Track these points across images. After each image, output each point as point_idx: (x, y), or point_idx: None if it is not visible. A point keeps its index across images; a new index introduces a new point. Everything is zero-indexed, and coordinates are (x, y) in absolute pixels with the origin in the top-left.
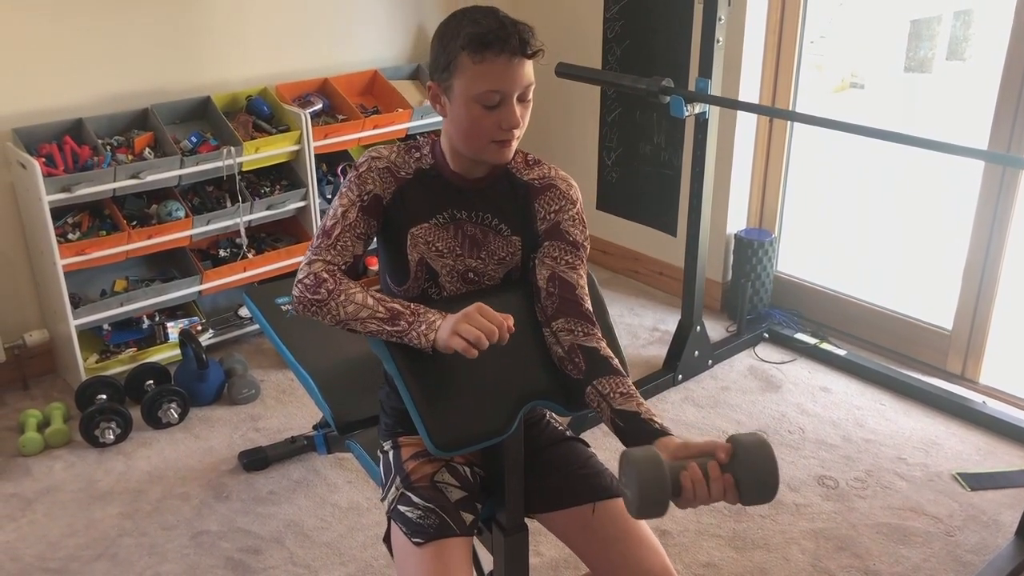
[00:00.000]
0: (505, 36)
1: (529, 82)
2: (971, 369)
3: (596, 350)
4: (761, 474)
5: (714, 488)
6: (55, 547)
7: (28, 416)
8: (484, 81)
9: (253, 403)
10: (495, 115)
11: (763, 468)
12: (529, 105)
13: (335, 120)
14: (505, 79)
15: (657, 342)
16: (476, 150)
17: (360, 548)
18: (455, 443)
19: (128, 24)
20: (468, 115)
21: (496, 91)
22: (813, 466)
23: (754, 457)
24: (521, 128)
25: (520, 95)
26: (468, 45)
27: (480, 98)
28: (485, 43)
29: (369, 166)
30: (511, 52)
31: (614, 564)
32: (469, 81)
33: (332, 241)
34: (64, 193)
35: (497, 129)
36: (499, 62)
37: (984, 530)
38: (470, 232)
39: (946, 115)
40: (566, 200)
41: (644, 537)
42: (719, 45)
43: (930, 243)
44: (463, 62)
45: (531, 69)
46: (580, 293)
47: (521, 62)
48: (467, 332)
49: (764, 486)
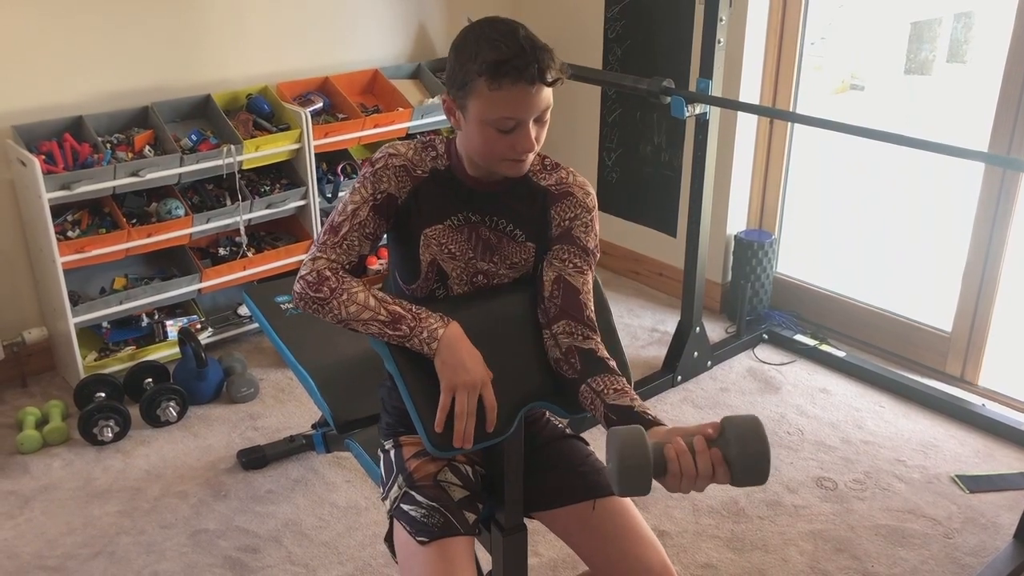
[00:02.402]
0: (523, 65)
1: (547, 106)
2: (970, 371)
3: (593, 351)
4: (750, 450)
5: (700, 462)
6: (53, 545)
7: (26, 414)
8: (500, 108)
9: (252, 402)
10: (509, 138)
11: (753, 445)
12: (546, 124)
13: (335, 119)
14: (521, 107)
15: (656, 343)
16: (489, 165)
17: (358, 547)
18: (453, 444)
19: (129, 22)
20: (482, 136)
21: (511, 118)
22: (812, 467)
23: (743, 433)
24: (537, 146)
25: (537, 117)
26: (486, 72)
27: (495, 123)
28: (503, 72)
29: (386, 163)
30: (528, 81)
31: (613, 561)
32: (484, 106)
33: (339, 239)
34: (64, 191)
35: (511, 150)
36: (516, 90)
37: (983, 532)
38: (484, 236)
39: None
40: (582, 208)
41: (643, 534)
42: (720, 46)
43: (930, 245)
44: (479, 87)
45: (550, 93)
46: (583, 299)
47: (539, 89)
48: (460, 402)
49: (753, 462)
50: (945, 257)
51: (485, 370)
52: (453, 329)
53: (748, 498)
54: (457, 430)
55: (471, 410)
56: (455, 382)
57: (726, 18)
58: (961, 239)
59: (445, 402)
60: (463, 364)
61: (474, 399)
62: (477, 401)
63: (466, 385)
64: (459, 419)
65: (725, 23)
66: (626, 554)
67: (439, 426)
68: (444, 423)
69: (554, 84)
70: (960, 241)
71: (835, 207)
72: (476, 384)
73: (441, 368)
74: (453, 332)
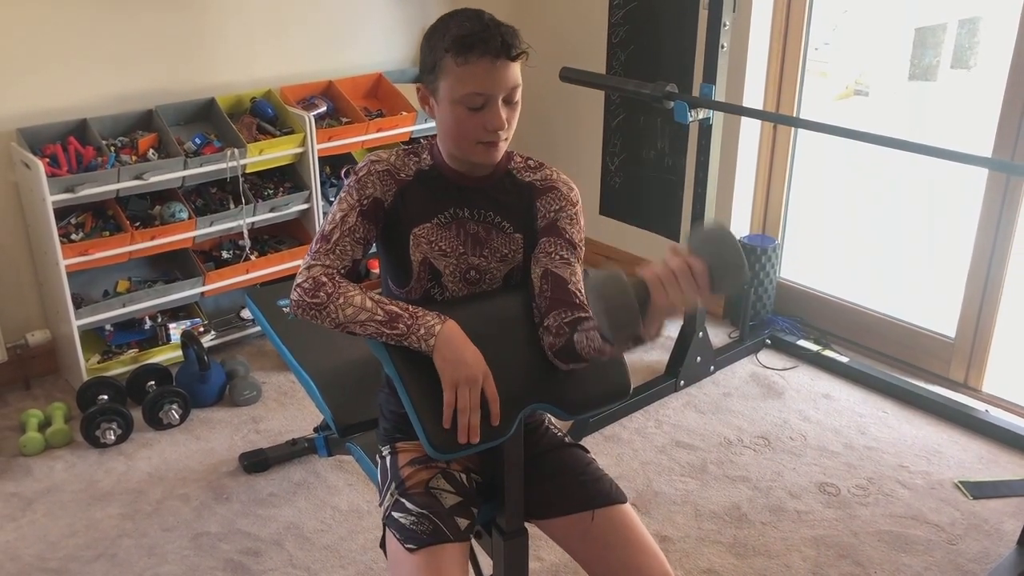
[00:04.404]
0: (487, 38)
1: (514, 84)
2: (974, 377)
3: (583, 317)
4: (719, 247)
5: (675, 264)
6: (55, 547)
7: (29, 416)
8: (467, 83)
9: (254, 405)
10: (479, 117)
11: (721, 241)
12: (517, 107)
13: (339, 123)
14: (488, 81)
15: (659, 347)
16: (463, 151)
17: (360, 551)
18: (454, 446)
19: (133, 25)
20: (453, 117)
21: (479, 93)
22: (815, 473)
23: (711, 234)
24: (508, 130)
25: (505, 97)
26: (452, 47)
27: (464, 100)
28: (468, 45)
29: (369, 170)
30: (494, 54)
31: (614, 570)
32: (453, 83)
33: (331, 246)
34: (68, 193)
35: (482, 131)
36: (482, 64)
37: (986, 539)
38: (472, 230)
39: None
40: (566, 201)
41: (644, 543)
42: (724, 51)
43: (933, 250)
44: (447, 64)
45: (517, 71)
46: (572, 288)
47: (505, 64)
48: (463, 398)
49: (723, 253)
50: (949, 262)
51: (485, 364)
52: (450, 326)
53: (751, 503)
54: (461, 425)
55: (475, 404)
56: (457, 377)
57: (730, 23)
58: (965, 244)
59: (450, 399)
60: (463, 359)
61: (477, 393)
62: (480, 395)
63: (468, 380)
64: (463, 414)
65: (729, 28)
66: (627, 564)
67: (447, 423)
68: (451, 419)
69: (518, 58)
70: (964, 246)
71: (838, 212)
72: (478, 378)
73: (441, 365)
74: (451, 328)
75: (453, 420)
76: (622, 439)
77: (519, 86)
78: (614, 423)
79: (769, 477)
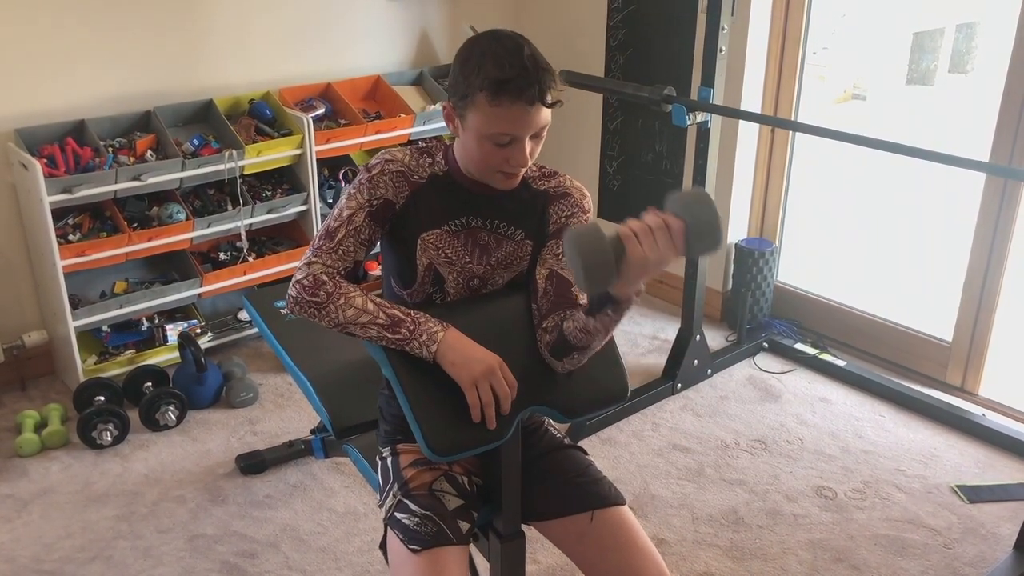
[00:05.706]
0: (526, 85)
1: (544, 124)
2: (971, 381)
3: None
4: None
5: (652, 219)
6: (50, 549)
7: (25, 417)
8: (498, 124)
9: (251, 407)
10: (505, 152)
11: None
12: (541, 141)
13: (337, 125)
14: (518, 125)
15: (656, 350)
16: (483, 176)
17: (356, 553)
18: (452, 448)
19: (131, 26)
20: (479, 148)
21: (508, 134)
22: (811, 476)
23: (689, 195)
24: (531, 161)
25: (533, 135)
26: (487, 87)
27: (492, 137)
28: (504, 90)
29: (382, 169)
30: (528, 102)
31: (612, 573)
32: (483, 120)
33: (334, 244)
34: (65, 194)
35: (505, 163)
36: (515, 108)
37: (982, 543)
38: (482, 240)
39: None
40: (578, 208)
41: (642, 546)
42: (722, 54)
43: (930, 254)
44: (479, 101)
45: (548, 113)
46: (575, 291)
47: (538, 108)
48: (486, 392)
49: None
50: (946, 266)
51: (494, 354)
52: (452, 332)
53: (747, 507)
54: (488, 416)
55: (503, 392)
56: (474, 375)
57: (728, 27)
58: (962, 248)
59: (473, 398)
60: (473, 357)
61: (500, 381)
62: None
63: (485, 374)
64: (487, 408)
65: (727, 32)
66: (625, 566)
67: (476, 418)
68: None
69: (553, 106)
70: (961, 250)
71: (836, 216)
72: (494, 368)
73: (453, 369)
74: (453, 334)
75: (453, 423)
76: (619, 442)
77: (548, 124)
78: (611, 426)
79: (766, 480)
